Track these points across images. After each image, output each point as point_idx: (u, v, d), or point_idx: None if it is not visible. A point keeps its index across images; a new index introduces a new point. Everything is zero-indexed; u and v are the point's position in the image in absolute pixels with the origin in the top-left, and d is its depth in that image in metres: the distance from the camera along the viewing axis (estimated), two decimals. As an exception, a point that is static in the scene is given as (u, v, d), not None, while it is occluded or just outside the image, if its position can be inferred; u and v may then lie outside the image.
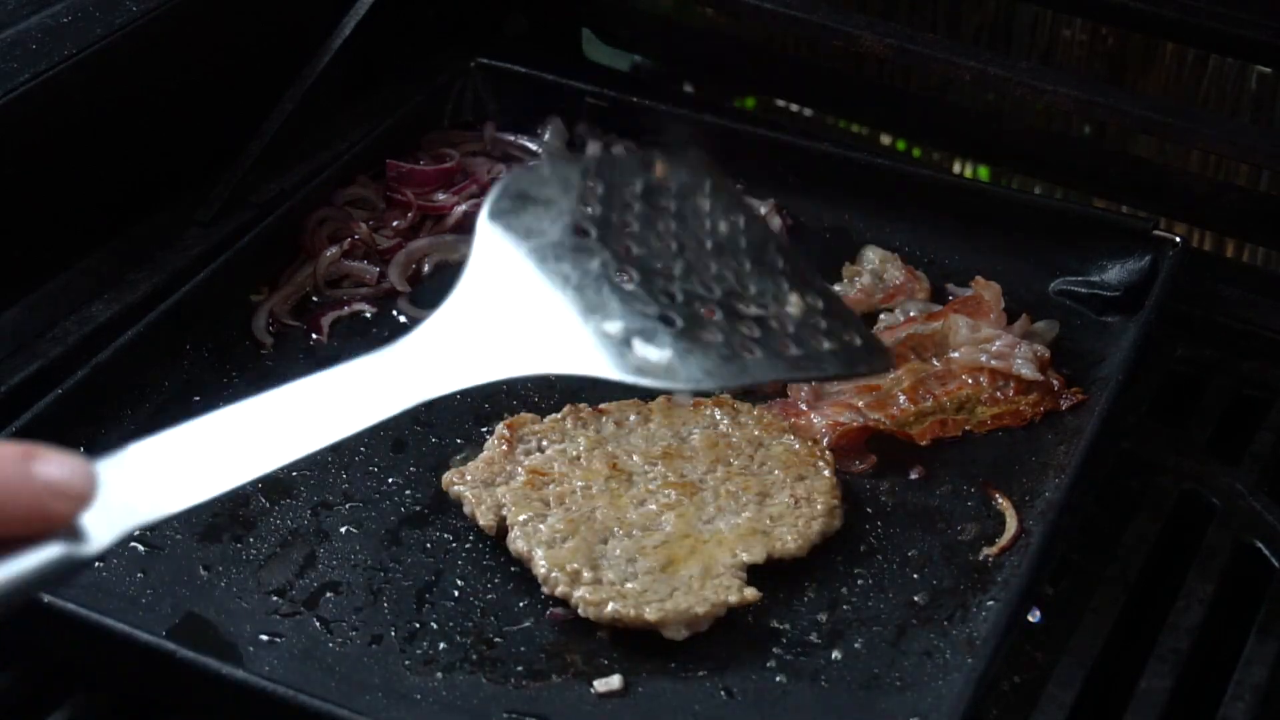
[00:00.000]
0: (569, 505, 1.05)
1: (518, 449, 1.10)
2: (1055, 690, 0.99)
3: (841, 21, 1.43)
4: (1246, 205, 1.46)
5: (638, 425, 1.13)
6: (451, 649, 1.01)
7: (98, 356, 1.16)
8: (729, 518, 1.06)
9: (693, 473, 1.09)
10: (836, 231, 1.37)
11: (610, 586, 1.00)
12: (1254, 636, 1.03)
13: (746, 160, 1.37)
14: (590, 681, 0.98)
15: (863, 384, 1.20)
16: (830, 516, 1.06)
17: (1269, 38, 1.34)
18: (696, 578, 1.01)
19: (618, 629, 0.99)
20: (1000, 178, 1.73)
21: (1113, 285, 1.28)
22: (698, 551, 1.03)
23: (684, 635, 0.99)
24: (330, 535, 1.09)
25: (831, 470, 1.09)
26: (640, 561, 1.02)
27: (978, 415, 1.18)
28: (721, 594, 1.00)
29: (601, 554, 1.02)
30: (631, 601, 0.98)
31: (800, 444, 1.11)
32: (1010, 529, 1.09)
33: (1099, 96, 1.36)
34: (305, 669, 0.99)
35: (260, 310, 1.27)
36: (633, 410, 1.14)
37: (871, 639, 1.02)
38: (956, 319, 1.23)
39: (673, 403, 1.14)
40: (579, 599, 0.99)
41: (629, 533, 1.04)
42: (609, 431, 1.12)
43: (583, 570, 1.01)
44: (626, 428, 1.12)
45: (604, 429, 1.12)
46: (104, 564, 1.06)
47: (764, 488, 1.08)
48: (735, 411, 1.14)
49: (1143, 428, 1.20)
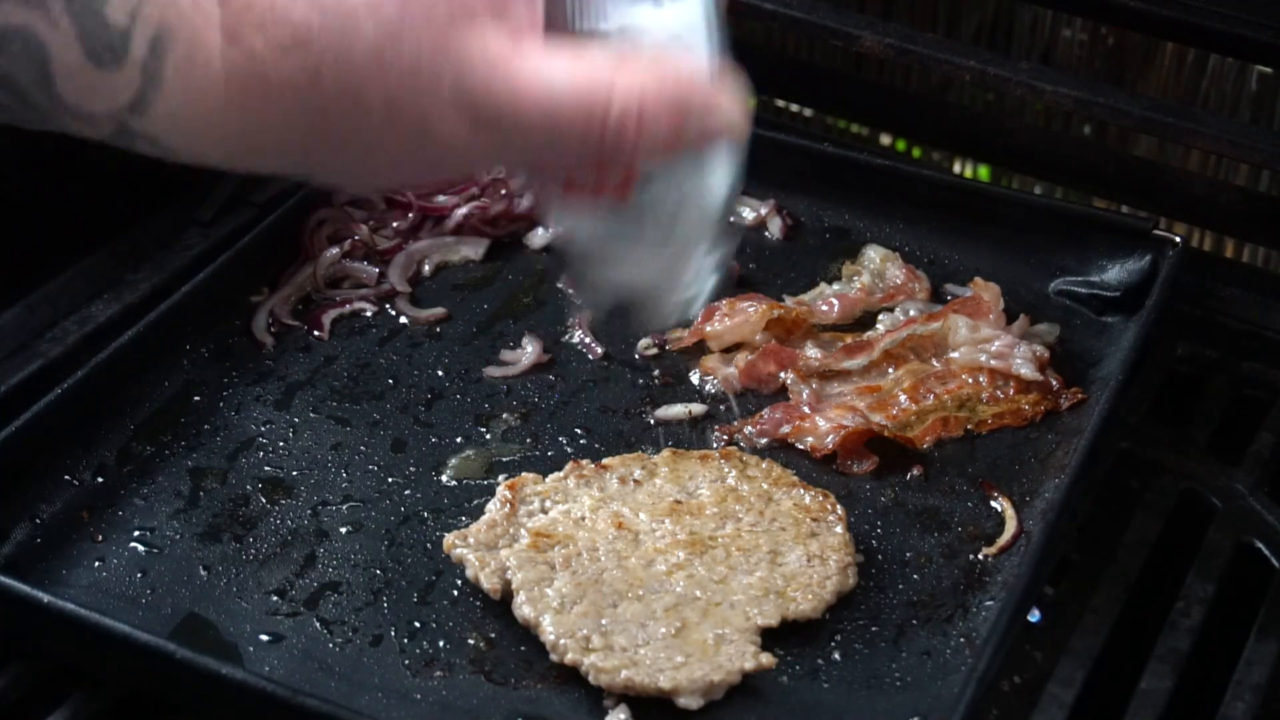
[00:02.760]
0: (575, 568, 1.03)
1: (520, 510, 1.08)
2: (1055, 690, 0.99)
3: (841, 21, 1.43)
4: (1246, 205, 1.46)
5: (643, 481, 1.10)
6: (451, 649, 1.01)
7: (98, 356, 1.16)
8: (740, 577, 1.03)
9: (702, 529, 1.07)
10: (836, 231, 1.37)
11: (622, 653, 0.97)
12: (1254, 636, 1.03)
13: (746, 160, 1.36)
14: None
15: (864, 385, 1.20)
16: (844, 575, 1.04)
17: (1269, 38, 1.34)
18: (710, 643, 0.98)
19: (629, 695, 0.97)
20: (1000, 178, 1.73)
21: (1113, 285, 1.28)
22: (710, 614, 1.00)
23: (698, 705, 0.96)
24: (330, 535, 1.09)
25: (844, 525, 1.07)
26: (651, 626, 0.99)
27: (979, 415, 1.18)
28: (736, 660, 0.97)
29: (611, 619, 1.00)
30: (644, 669, 0.96)
31: (810, 497, 1.09)
32: (1010, 529, 1.09)
33: (1099, 96, 1.37)
34: (305, 669, 0.99)
35: (260, 310, 1.27)
36: (637, 465, 1.11)
37: (871, 639, 1.02)
38: (956, 319, 1.23)
39: (678, 455, 1.12)
40: (590, 666, 0.97)
41: (638, 595, 1.01)
42: (613, 489, 1.10)
43: (592, 636, 0.98)
44: (631, 484, 1.10)
45: (608, 486, 1.10)
46: (104, 564, 1.06)
47: (775, 545, 1.06)
48: (743, 465, 1.12)
49: (1143, 428, 1.20)
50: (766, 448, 1.16)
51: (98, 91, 0.69)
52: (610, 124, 0.70)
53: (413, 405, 1.20)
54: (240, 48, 0.68)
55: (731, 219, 0.83)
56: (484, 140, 0.71)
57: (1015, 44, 1.72)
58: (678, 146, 0.74)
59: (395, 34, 0.68)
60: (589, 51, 0.71)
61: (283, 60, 0.68)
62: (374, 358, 1.24)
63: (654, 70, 0.71)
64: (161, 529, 1.09)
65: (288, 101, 0.70)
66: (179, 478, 1.13)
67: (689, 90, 0.72)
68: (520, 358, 1.24)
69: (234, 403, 1.19)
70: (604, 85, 0.70)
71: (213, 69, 0.69)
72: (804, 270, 1.32)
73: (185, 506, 1.10)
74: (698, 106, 0.72)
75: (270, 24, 0.68)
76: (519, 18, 0.70)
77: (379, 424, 1.18)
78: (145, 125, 0.70)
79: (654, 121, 0.70)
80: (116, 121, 0.70)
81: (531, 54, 0.70)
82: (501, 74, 0.69)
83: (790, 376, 1.21)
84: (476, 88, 0.69)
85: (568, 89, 0.70)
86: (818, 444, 1.15)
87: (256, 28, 0.68)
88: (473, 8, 0.69)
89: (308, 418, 1.18)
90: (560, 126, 0.70)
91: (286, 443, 1.16)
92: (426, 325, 1.27)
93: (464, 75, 0.69)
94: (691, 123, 0.72)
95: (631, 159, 0.73)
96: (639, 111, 0.70)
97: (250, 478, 1.13)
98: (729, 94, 0.74)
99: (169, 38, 0.68)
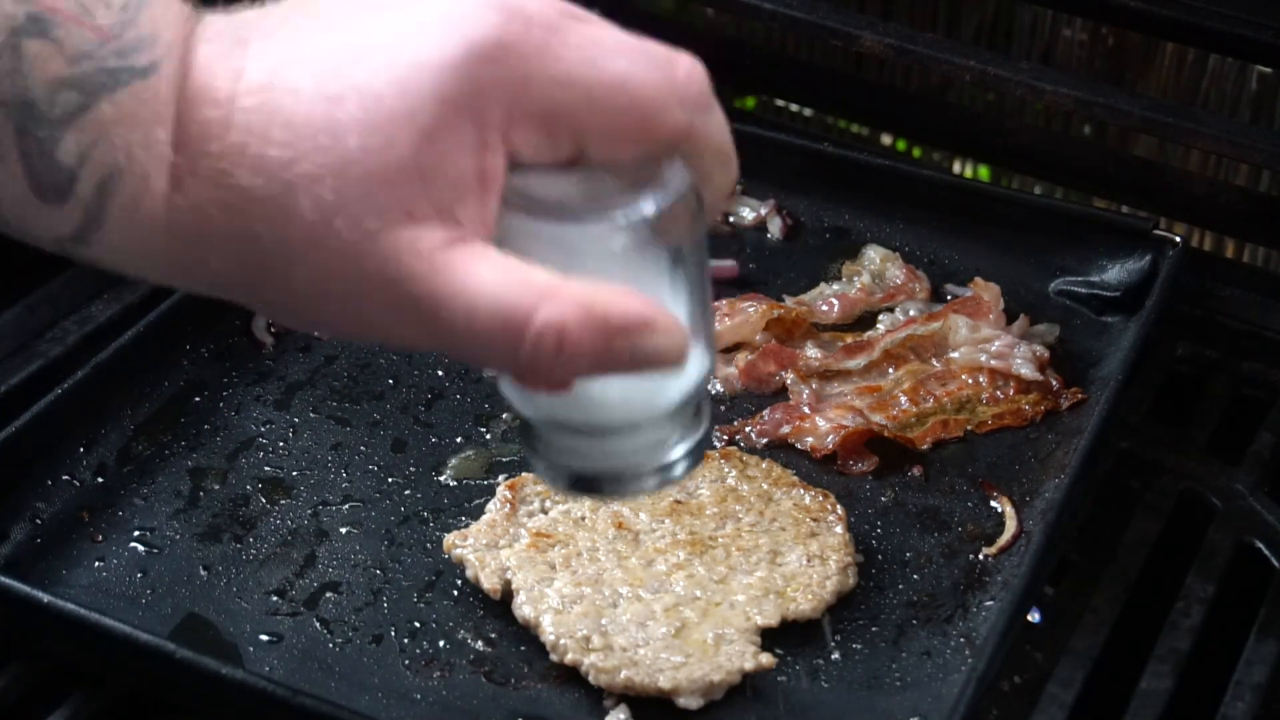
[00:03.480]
0: (575, 568, 1.03)
1: (520, 510, 1.08)
2: (1055, 690, 0.99)
3: (841, 21, 1.43)
4: (1246, 205, 1.46)
5: None
6: (451, 649, 1.01)
7: (98, 356, 1.16)
8: (740, 577, 1.03)
9: (701, 529, 1.07)
10: (836, 231, 1.37)
11: (622, 653, 0.98)
12: (1254, 636, 1.03)
13: (747, 160, 1.36)
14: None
15: (864, 385, 1.20)
16: (844, 575, 1.04)
17: (1269, 38, 1.34)
18: (710, 643, 0.99)
19: (629, 696, 0.97)
20: (1000, 178, 1.73)
21: (1113, 285, 1.28)
22: (710, 614, 1.01)
23: (698, 705, 0.96)
24: (330, 535, 1.09)
25: (844, 525, 1.07)
26: (651, 626, 0.99)
27: (979, 415, 1.18)
28: (736, 660, 0.98)
29: (611, 619, 1.00)
30: (644, 669, 0.97)
31: (810, 497, 1.09)
32: (1010, 529, 1.09)
33: (1099, 96, 1.36)
34: (305, 669, 0.99)
35: (260, 310, 1.27)
36: None
37: (871, 639, 1.02)
38: (956, 319, 1.23)
39: None
40: (590, 666, 0.97)
41: (638, 595, 1.02)
42: None
43: (592, 636, 0.98)
44: None
45: None
46: (104, 564, 1.06)
47: (775, 545, 1.06)
48: (743, 465, 1.12)
49: (1143, 428, 1.20)
50: (766, 448, 1.16)
51: (40, 222, 0.69)
52: (526, 345, 0.68)
53: (413, 405, 1.20)
54: (185, 197, 0.68)
55: (704, 407, 0.79)
56: (410, 330, 0.70)
57: (1015, 44, 1.72)
58: (604, 371, 0.71)
59: (329, 218, 0.67)
60: (527, 269, 0.69)
61: (223, 217, 0.68)
62: (374, 358, 1.24)
63: (584, 296, 0.68)
64: (161, 529, 1.09)
65: (226, 253, 0.69)
66: (179, 478, 1.13)
67: (620, 321, 0.69)
68: (520, 358, 1.24)
69: (234, 403, 1.19)
70: (527, 305, 0.68)
71: (156, 214, 0.68)
72: (804, 270, 1.32)
73: (185, 506, 1.11)
74: (627, 336, 0.69)
75: (217, 180, 0.68)
76: (464, 218, 0.69)
77: (379, 424, 1.18)
78: (86, 253, 0.70)
79: (575, 348, 0.68)
80: (58, 246, 0.70)
81: (462, 258, 0.68)
82: (427, 275, 0.68)
83: (790, 376, 1.21)
84: (400, 284, 0.68)
85: (488, 302, 0.68)
86: (818, 444, 1.15)
87: (204, 181, 0.68)
88: (411, 204, 0.68)
89: (308, 418, 1.18)
90: (478, 336, 0.69)
91: (286, 443, 1.16)
92: (426, 325, 1.27)
93: (389, 270, 0.68)
94: (619, 353, 0.69)
95: (552, 376, 0.70)
96: (557, 337, 0.68)
97: (250, 478, 1.13)
98: (668, 321, 0.70)
99: (116, 180, 0.67)
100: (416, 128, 0.67)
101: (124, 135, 0.67)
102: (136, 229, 0.69)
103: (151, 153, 0.67)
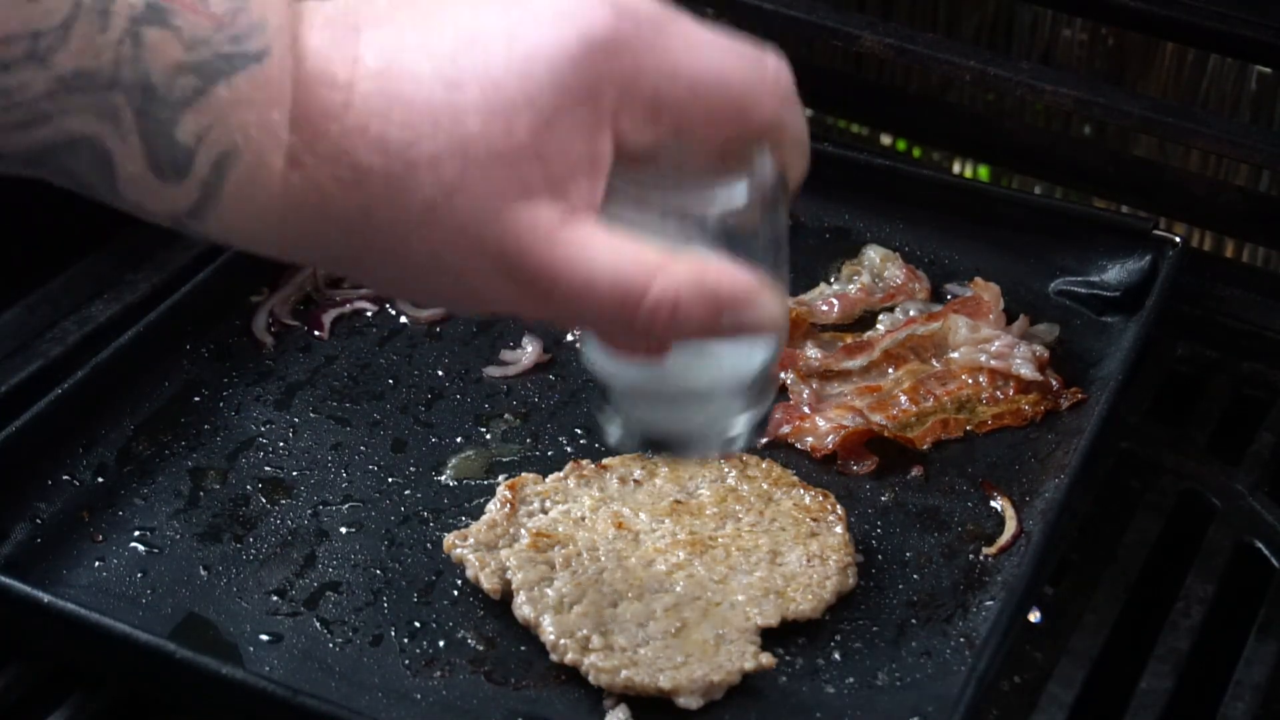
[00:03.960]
0: (575, 568, 1.03)
1: (520, 510, 1.08)
2: (1055, 690, 0.99)
3: (841, 21, 1.43)
4: (1246, 205, 1.46)
5: (643, 481, 1.10)
6: (451, 649, 1.01)
7: (98, 356, 1.16)
8: (740, 577, 1.03)
9: (702, 529, 1.07)
10: (836, 231, 1.37)
11: (622, 653, 0.98)
12: (1254, 636, 1.03)
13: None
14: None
15: (864, 385, 1.20)
16: (844, 575, 1.04)
17: (1269, 38, 1.34)
18: (710, 643, 0.99)
19: (629, 696, 0.97)
20: (1000, 178, 1.73)
21: (1112, 285, 1.28)
22: (710, 614, 1.01)
23: (698, 705, 0.96)
24: (330, 535, 1.09)
25: (844, 525, 1.07)
26: (651, 626, 0.99)
27: (979, 415, 1.18)
28: (736, 660, 0.98)
29: (611, 618, 1.00)
30: (644, 669, 0.97)
31: (810, 497, 1.09)
32: (1010, 529, 1.09)
33: (1099, 96, 1.36)
34: (305, 669, 0.99)
35: (260, 310, 1.27)
36: (637, 465, 1.11)
37: (871, 639, 1.02)
38: (956, 319, 1.23)
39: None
40: (590, 666, 0.97)
41: (638, 595, 1.02)
42: (613, 489, 1.10)
43: (592, 636, 0.98)
44: (631, 484, 1.10)
45: (608, 486, 1.10)
46: (104, 564, 1.06)
47: (775, 545, 1.06)
48: (743, 465, 1.12)
49: (1143, 428, 1.20)
50: (766, 448, 1.16)
51: (158, 197, 0.72)
52: (642, 314, 0.73)
53: (413, 405, 1.20)
54: (302, 174, 0.71)
55: (769, 388, 0.86)
56: (522, 300, 0.75)
57: (1015, 44, 1.72)
58: (710, 337, 0.77)
59: (450, 195, 0.71)
60: (638, 244, 0.74)
61: (340, 193, 0.71)
62: (374, 357, 1.24)
63: (695, 270, 0.74)
64: (161, 529, 1.09)
65: (339, 227, 0.73)
66: (179, 478, 1.13)
67: (729, 293, 0.75)
68: (520, 358, 1.24)
69: (234, 403, 1.19)
70: (643, 277, 0.73)
71: (272, 190, 0.71)
72: (804, 270, 1.32)
73: (185, 506, 1.11)
74: (734, 307, 0.75)
75: (336, 158, 0.71)
76: (576, 197, 0.73)
77: (379, 424, 1.18)
78: (200, 227, 0.74)
79: (687, 316, 0.74)
80: (173, 221, 0.74)
81: (579, 234, 0.73)
82: (545, 249, 0.72)
83: (790, 376, 1.21)
84: (519, 258, 0.72)
85: (606, 274, 0.73)
86: (818, 444, 1.15)
87: (322, 159, 0.71)
88: (529, 182, 0.72)
89: (308, 418, 1.18)
90: (594, 306, 0.73)
91: (286, 443, 1.16)
92: (427, 325, 1.27)
93: (508, 244, 0.72)
94: (725, 320, 0.75)
95: (662, 341, 0.76)
96: (673, 307, 0.73)
97: (250, 478, 1.13)
98: (770, 294, 0.76)
99: (233, 158, 0.70)
100: (535, 112, 0.71)
101: (240, 117, 0.70)
102: (251, 205, 0.72)
103: (267, 133, 0.70)
